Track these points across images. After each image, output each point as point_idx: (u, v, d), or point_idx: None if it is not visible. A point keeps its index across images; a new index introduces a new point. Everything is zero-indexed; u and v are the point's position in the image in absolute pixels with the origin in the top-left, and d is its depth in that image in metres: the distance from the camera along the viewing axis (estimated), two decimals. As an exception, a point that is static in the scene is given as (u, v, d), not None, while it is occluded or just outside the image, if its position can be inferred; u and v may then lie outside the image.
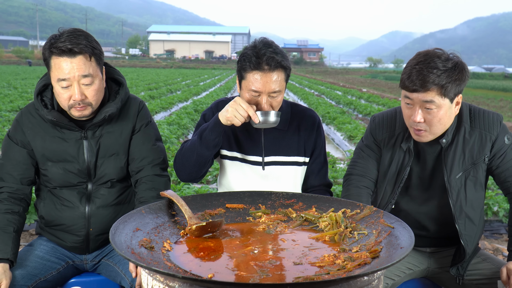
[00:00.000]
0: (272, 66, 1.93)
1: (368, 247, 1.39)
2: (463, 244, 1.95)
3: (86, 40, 1.82)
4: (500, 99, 24.51)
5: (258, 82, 1.94)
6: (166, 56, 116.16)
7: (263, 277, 1.20)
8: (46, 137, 1.95)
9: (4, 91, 17.96)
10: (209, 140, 1.96)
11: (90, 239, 2.03)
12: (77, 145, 1.96)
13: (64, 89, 1.82)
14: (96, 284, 2.11)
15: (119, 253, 1.19)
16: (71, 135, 1.95)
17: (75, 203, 1.99)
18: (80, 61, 1.80)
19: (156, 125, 2.17)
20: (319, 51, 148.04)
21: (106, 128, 1.99)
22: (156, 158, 2.07)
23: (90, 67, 1.82)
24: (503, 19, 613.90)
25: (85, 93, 1.84)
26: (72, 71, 1.79)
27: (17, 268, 1.88)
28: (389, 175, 2.04)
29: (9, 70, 40.77)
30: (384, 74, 64.33)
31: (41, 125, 1.96)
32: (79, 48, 1.78)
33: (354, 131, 9.89)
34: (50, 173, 1.98)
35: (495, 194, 5.03)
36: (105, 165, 2.00)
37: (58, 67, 1.79)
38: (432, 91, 1.76)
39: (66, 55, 1.78)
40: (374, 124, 2.11)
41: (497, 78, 59.34)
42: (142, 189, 2.01)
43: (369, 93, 24.40)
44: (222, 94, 20.22)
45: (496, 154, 1.94)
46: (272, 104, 2.00)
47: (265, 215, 1.69)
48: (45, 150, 1.95)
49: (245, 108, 1.87)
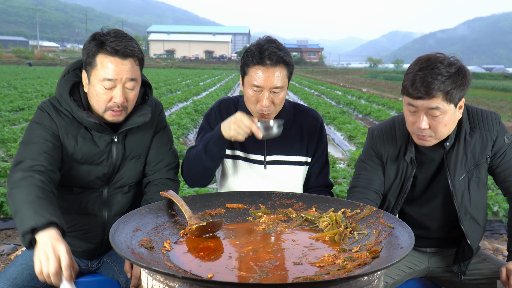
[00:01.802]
0: (274, 61, 1.93)
1: (368, 247, 1.39)
2: (470, 244, 1.95)
3: (136, 44, 1.79)
4: (500, 99, 24.51)
5: (260, 77, 1.94)
6: (166, 56, 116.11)
7: (263, 277, 1.20)
8: (78, 137, 1.86)
9: (4, 91, 17.97)
10: (214, 152, 1.97)
11: (103, 247, 2.01)
12: (107, 148, 1.89)
13: (106, 90, 1.76)
14: (96, 284, 2.11)
15: (119, 253, 1.19)
16: (102, 137, 1.88)
17: (95, 210, 1.94)
18: (130, 64, 1.76)
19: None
20: (319, 51, 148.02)
21: (131, 131, 1.94)
22: (172, 162, 2.04)
23: (137, 71, 1.79)
24: (503, 19, 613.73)
25: (126, 97, 1.79)
26: (121, 73, 1.74)
27: (24, 271, 1.84)
28: (393, 187, 2.03)
29: (9, 70, 40.78)
30: (384, 74, 64.33)
31: (74, 124, 1.85)
32: (132, 50, 1.75)
33: (354, 131, 9.89)
34: (73, 174, 1.88)
35: (495, 194, 5.03)
36: (125, 168, 1.95)
37: (106, 67, 1.73)
38: (437, 97, 1.73)
39: (118, 56, 1.73)
40: (373, 138, 2.07)
41: (497, 78, 59.34)
42: (153, 191, 1.96)
43: (369, 93, 24.40)
44: (222, 94, 20.23)
45: (496, 154, 1.94)
46: (274, 101, 1.99)
47: (265, 215, 1.69)
48: (75, 150, 1.85)
49: (247, 125, 1.85)
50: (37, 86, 21.33)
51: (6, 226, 4.28)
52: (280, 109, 2.08)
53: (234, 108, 2.18)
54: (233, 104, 2.19)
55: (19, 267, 1.86)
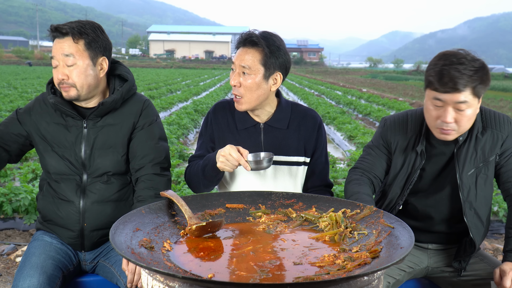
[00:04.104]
0: (249, 41, 2.01)
1: (368, 247, 1.39)
2: (473, 239, 1.97)
3: (88, 27, 1.93)
4: (500, 99, 24.50)
5: (236, 55, 2.03)
6: (166, 56, 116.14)
7: (263, 277, 1.20)
8: (51, 122, 2.03)
9: (4, 91, 17.96)
10: (211, 176, 2.01)
11: (85, 235, 2.03)
12: (76, 133, 2.02)
13: (54, 68, 1.95)
14: (95, 285, 2.12)
15: (119, 253, 1.19)
16: (73, 123, 2.01)
17: (71, 197, 2.01)
18: (67, 41, 1.92)
19: (162, 125, 2.19)
20: (319, 51, 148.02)
21: (107, 121, 2.03)
22: (157, 157, 2.07)
23: (76, 48, 1.92)
24: (503, 19, 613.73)
25: (68, 73, 1.92)
26: (58, 50, 1.92)
27: (47, 260, 1.92)
28: (399, 177, 2.06)
29: (9, 70, 40.78)
30: (384, 74, 64.35)
31: (49, 112, 2.04)
32: (70, 28, 1.91)
33: (354, 131, 9.89)
34: (49, 161, 2.02)
35: (495, 194, 5.03)
36: (102, 157, 2.02)
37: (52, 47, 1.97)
38: (465, 91, 1.77)
39: (58, 35, 1.93)
40: (385, 127, 2.12)
41: (497, 78, 59.30)
42: (140, 188, 2.03)
43: (369, 93, 24.39)
44: (222, 94, 20.22)
45: (503, 153, 1.98)
46: (242, 83, 2.01)
47: (265, 215, 1.69)
48: (47, 133, 2.02)
49: (236, 158, 1.86)
50: (37, 86, 21.32)
51: (6, 226, 4.28)
52: (252, 98, 2.05)
53: (229, 110, 2.19)
54: (229, 107, 2.20)
55: (40, 257, 1.93)
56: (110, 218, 1.99)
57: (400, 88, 32.61)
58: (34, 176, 5.53)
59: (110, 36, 18.70)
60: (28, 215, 4.29)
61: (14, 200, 4.31)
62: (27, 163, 6.10)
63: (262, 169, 1.90)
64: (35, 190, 4.44)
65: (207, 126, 2.20)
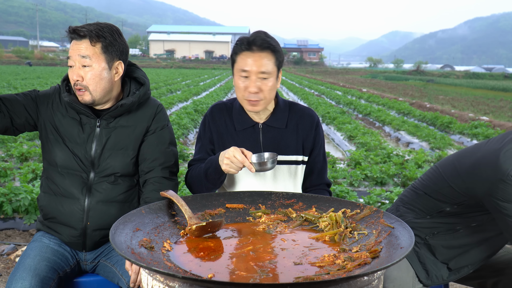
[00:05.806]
0: (260, 46, 1.97)
1: (368, 247, 1.39)
2: None
3: (98, 27, 1.93)
4: (500, 99, 24.49)
5: (247, 62, 1.97)
6: (166, 56, 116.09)
7: (263, 277, 1.20)
8: (66, 116, 2.04)
9: (4, 91, 17.97)
10: (214, 179, 2.00)
11: (87, 234, 2.03)
12: (89, 131, 2.02)
13: (70, 69, 1.95)
14: (95, 285, 2.11)
15: (119, 253, 1.19)
16: (87, 121, 2.03)
17: (76, 194, 2.01)
18: (84, 44, 1.92)
19: (173, 130, 2.20)
20: (319, 51, 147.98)
21: (120, 122, 2.05)
22: (167, 161, 2.09)
23: (93, 51, 1.91)
24: (503, 19, 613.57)
25: (83, 75, 1.92)
26: (75, 51, 1.92)
27: (41, 262, 1.90)
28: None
29: (9, 70, 40.77)
30: (384, 74, 64.32)
31: (64, 105, 2.05)
32: (88, 31, 1.90)
33: (354, 131, 9.89)
34: (58, 153, 2.02)
35: None
36: (111, 158, 2.03)
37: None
38: None
39: (75, 37, 1.92)
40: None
41: (497, 78, 59.32)
42: (149, 190, 2.03)
43: (369, 93, 24.39)
44: (222, 94, 20.23)
45: None
46: (262, 88, 1.99)
47: (265, 215, 1.69)
48: (61, 126, 2.03)
49: (240, 160, 1.84)
50: (37, 86, 21.31)
51: (6, 226, 4.28)
52: (270, 99, 2.05)
53: (227, 112, 2.18)
54: (226, 108, 2.19)
55: (34, 259, 1.92)
56: (114, 219, 1.97)
57: (400, 88, 32.61)
58: (34, 176, 5.53)
59: (110, 36, 18.32)
60: (28, 215, 4.29)
61: (14, 200, 4.31)
62: (27, 163, 6.10)
63: (267, 170, 1.87)
64: (35, 190, 4.44)
65: (205, 128, 2.19)
